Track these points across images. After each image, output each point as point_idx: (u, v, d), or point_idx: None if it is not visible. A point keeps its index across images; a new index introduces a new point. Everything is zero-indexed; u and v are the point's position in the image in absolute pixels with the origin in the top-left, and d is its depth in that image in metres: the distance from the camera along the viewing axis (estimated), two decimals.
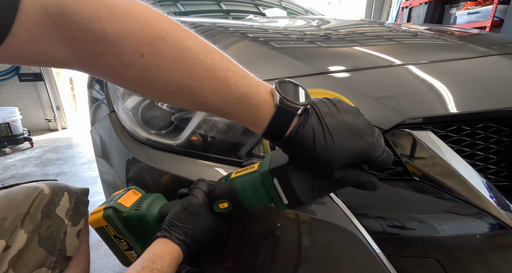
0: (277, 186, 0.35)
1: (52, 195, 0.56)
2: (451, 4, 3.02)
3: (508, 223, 0.40)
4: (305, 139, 0.29)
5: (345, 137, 0.29)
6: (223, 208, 0.40)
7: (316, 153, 0.29)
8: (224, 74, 0.29)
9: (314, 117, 0.30)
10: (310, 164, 0.31)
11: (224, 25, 0.77)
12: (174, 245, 0.37)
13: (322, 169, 0.30)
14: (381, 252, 0.40)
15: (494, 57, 0.56)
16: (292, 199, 0.35)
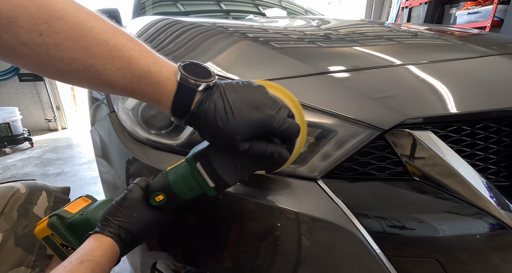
0: (201, 170, 0.36)
1: (29, 194, 0.56)
2: (451, 4, 3.02)
3: (508, 223, 0.40)
4: (208, 114, 0.31)
5: (245, 110, 0.31)
6: (159, 201, 0.41)
7: (218, 126, 0.31)
8: (128, 53, 0.30)
9: (217, 93, 0.31)
10: (216, 139, 0.33)
11: (224, 25, 0.77)
12: (106, 238, 0.37)
13: (227, 142, 0.32)
14: (381, 252, 0.40)
15: (494, 57, 0.56)
16: (217, 181, 0.36)
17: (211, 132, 0.32)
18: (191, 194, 0.40)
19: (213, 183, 0.37)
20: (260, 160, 0.36)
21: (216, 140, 0.33)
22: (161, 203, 0.41)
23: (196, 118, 0.32)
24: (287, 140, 0.34)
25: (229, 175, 0.36)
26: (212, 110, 0.31)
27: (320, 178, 0.43)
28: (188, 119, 0.33)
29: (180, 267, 0.54)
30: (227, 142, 0.32)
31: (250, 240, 0.44)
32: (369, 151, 0.44)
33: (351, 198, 0.42)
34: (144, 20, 0.91)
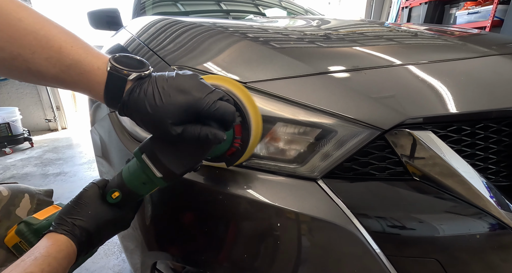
0: (146, 161, 0.37)
1: (11, 196, 0.56)
2: (451, 4, 3.02)
3: (508, 223, 0.40)
4: (137, 101, 0.32)
5: (173, 94, 0.31)
6: (116, 198, 0.41)
7: (148, 112, 0.31)
8: (58, 44, 0.31)
9: (148, 82, 0.32)
10: (149, 127, 0.33)
11: (224, 25, 0.77)
12: (60, 235, 0.36)
13: (160, 128, 0.32)
14: (381, 252, 0.40)
15: (494, 57, 0.56)
16: (164, 171, 0.37)
17: (143, 119, 0.33)
18: (144, 188, 0.40)
19: (160, 173, 0.37)
20: (199, 143, 0.35)
21: (148, 127, 0.33)
22: (118, 200, 0.41)
23: (127, 107, 0.32)
24: (222, 122, 0.34)
25: (174, 164, 0.36)
26: (142, 97, 0.31)
27: (320, 178, 0.43)
28: (121, 108, 0.33)
29: (179, 267, 0.54)
30: (159, 128, 0.32)
31: (250, 240, 0.44)
32: (369, 151, 0.44)
33: (351, 198, 0.42)
34: (144, 20, 0.91)
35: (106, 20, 1.39)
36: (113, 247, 1.31)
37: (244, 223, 0.45)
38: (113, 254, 1.27)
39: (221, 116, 0.33)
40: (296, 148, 0.45)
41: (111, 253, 1.27)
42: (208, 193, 0.45)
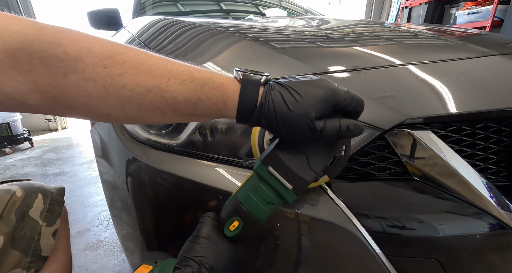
0: (274, 173, 0.34)
1: (25, 197, 0.56)
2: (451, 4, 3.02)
3: (508, 223, 0.40)
4: (276, 101, 0.31)
5: (310, 89, 0.32)
6: (235, 229, 0.37)
7: (290, 111, 0.31)
8: (187, 69, 0.32)
9: (277, 84, 0.33)
10: (290, 127, 0.31)
11: (224, 25, 0.77)
12: None
13: (301, 125, 0.31)
14: (381, 252, 0.40)
15: (494, 57, 0.56)
16: (294, 181, 0.34)
17: (283, 119, 0.31)
18: (268, 208, 0.36)
19: (291, 185, 0.34)
20: (337, 138, 0.33)
21: (289, 127, 0.31)
22: (238, 231, 0.37)
23: (265, 110, 0.31)
24: (354, 113, 0.34)
25: (306, 171, 0.34)
26: (279, 97, 0.31)
27: None
28: (257, 112, 0.32)
29: None
30: (301, 127, 0.31)
31: (250, 240, 0.44)
32: (369, 151, 0.44)
33: (351, 198, 0.42)
34: (144, 20, 0.91)
35: (106, 20, 1.39)
36: (113, 247, 1.31)
37: None
38: (113, 254, 1.27)
39: (355, 106, 0.33)
40: None
41: (111, 253, 1.27)
42: (208, 193, 0.45)
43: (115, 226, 0.82)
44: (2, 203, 0.53)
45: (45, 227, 0.58)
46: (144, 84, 0.30)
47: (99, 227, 1.46)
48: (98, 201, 1.72)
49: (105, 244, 1.33)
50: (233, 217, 0.36)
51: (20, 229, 0.54)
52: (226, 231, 0.37)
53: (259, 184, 0.36)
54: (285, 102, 0.31)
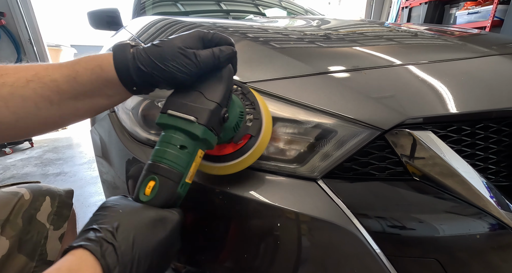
0: (174, 113, 0.33)
1: (32, 200, 0.55)
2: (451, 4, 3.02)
3: (508, 223, 0.40)
4: (146, 48, 0.34)
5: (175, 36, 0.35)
6: (152, 190, 0.31)
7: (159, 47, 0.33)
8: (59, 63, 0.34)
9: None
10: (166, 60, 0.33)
11: (224, 25, 0.77)
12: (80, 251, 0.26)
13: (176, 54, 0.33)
14: (381, 252, 0.40)
15: (494, 57, 0.56)
16: (195, 112, 0.33)
17: (156, 56, 0.33)
18: (183, 154, 0.33)
19: (193, 116, 0.33)
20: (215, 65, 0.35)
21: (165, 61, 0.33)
22: (155, 191, 0.31)
23: (139, 55, 0.33)
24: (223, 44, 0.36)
25: (203, 102, 0.34)
26: (148, 45, 0.34)
27: (320, 178, 0.43)
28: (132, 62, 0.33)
29: (180, 267, 0.54)
30: (176, 55, 0.33)
31: (250, 240, 0.44)
32: (369, 151, 0.44)
33: (351, 198, 0.42)
34: (144, 20, 0.91)
35: (106, 20, 1.39)
36: None
37: (244, 223, 0.45)
38: None
39: (221, 37, 0.36)
40: (296, 148, 0.45)
41: None
42: (208, 193, 0.45)
43: None
44: (9, 206, 0.52)
45: (52, 230, 0.57)
46: (24, 77, 0.31)
47: None
48: (98, 201, 1.72)
49: None
50: (147, 177, 0.32)
51: (26, 233, 0.53)
52: (142, 197, 0.31)
53: (165, 134, 0.34)
54: (153, 45, 0.34)
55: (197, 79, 0.35)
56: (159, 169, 0.32)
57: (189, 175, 0.35)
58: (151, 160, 0.33)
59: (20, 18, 3.26)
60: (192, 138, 0.34)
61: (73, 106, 0.34)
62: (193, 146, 0.34)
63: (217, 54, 0.34)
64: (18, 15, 3.24)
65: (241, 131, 0.40)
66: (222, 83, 0.36)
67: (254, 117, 0.40)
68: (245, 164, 0.41)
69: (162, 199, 0.32)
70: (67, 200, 0.61)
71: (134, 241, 0.27)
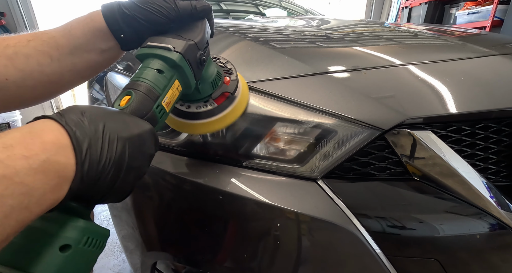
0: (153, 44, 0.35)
1: None
2: (451, 4, 3.02)
3: (508, 223, 0.40)
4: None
5: None
6: (127, 102, 0.30)
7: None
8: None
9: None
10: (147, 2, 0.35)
11: (224, 25, 0.77)
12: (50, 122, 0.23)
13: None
14: (381, 252, 0.40)
15: (494, 57, 0.56)
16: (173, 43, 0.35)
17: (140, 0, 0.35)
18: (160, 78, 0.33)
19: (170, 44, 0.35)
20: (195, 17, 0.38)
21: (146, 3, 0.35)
22: (130, 101, 0.31)
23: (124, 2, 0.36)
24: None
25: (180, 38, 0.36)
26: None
27: (320, 178, 0.43)
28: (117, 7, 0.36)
29: (180, 267, 0.54)
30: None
31: (250, 240, 0.44)
32: (369, 151, 0.44)
33: (351, 198, 0.42)
34: None
35: None
36: (113, 247, 1.31)
37: (244, 223, 0.45)
38: (113, 254, 1.27)
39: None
40: (296, 148, 0.45)
41: (111, 253, 1.27)
42: (208, 193, 0.45)
43: (115, 226, 0.82)
44: None
45: None
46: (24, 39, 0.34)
47: None
48: None
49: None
50: (123, 91, 0.32)
51: None
52: (116, 106, 0.31)
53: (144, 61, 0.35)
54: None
55: (175, 26, 0.38)
56: (135, 85, 0.32)
57: (166, 100, 0.34)
58: (130, 80, 0.34)
59: (20, 18, 3.26)
60: (169, 64, 0.35)
61: (71, 62, 0.36)
62: (170, 72, 0.35)
63: (194, 4, 0.37)
64: (18, 15, 3.24)
65: (219, 89, 0.42)
66: (198, 29, 0.38)
67: (232, 79, 0.43)
68: (223, 122, 0.43)
69: (135, 109, 0.30)
70: None
71: (104, 125, 0.25)
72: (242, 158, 0.47)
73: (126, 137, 0.26)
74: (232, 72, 0.45)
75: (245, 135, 0.47)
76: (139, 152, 0.28)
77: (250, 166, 0.46)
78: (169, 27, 0.38)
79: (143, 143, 0.28)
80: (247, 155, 0.47)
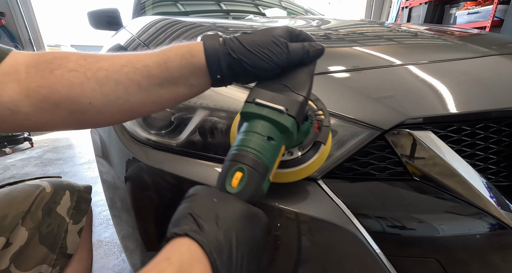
0: (262, 102, 0.31)
1: (53, 193, 0.57)
2: (451, 4, 3.02)
3: (508, 223, 0.40)
4: (237, 36, 0.34)
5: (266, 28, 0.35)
6: (239, 182, 0.28)
7: (252, 34, 0.34)
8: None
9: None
10: (257, 46, 0.33)
11: (224, 25, 0.77)
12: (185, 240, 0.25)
13: (269, 42, 0.33)
14: (381, 252, 0.40)
15: (494, 57, 0.56)
16: (285, 103, 0.31)
17: (248, 41, 0.33)
18: (270, 146, 0.30)
19: (283, 106, 0.31)
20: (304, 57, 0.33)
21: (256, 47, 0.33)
22: (243, 183, 0.28)
23: (228, 42, 0.33)
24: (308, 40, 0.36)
25: (290, 95, 0.32)
26: (238, 35, 0.34)
27: (320, 178, 0.43)
28: (222, 47, 0.33)
29: None
30: (268, 43, 0.33)
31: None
32: (369, 151, 0.44)
33: (351, 198, 0.42)
34: (144, 20, 0.91)
35: (106, 20, 1.39)
36: (113, 247, 1.31)
37: None
38: (113, 254, 1.27)
39: (307, 35, 0.36)
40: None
41: (111, 253, 1.27)
42: None
43: (115, 226, 0.82)
44: (31, 197, 0.54)
45: (71, 224, 0.58)
46: (118, 63, 0.33)
47: (99, 227, 1.46)
48: (98, 201, 1.72)
49: (105, 244, 1.33)
50: (233, 167, 0.29)
51: (47, 225, 0.54)
52: (229, 188, 0.29)
53: (250, 123, 0.32)
54: (244, 33, 0.34)
55: (281, 72, 0.34)
56: (246, 159, 0.29)
57: (272, 172, 0.32)
58: (236, 149, 0.30)
59: (20, 18, 3.26)
60: (280, 130, 0.32)
61: (158, 93, 0.34)
62: (280, 139, 0.32)
63: (307, 48, 0.34)
64: (18, 15, 3.24)
65: (310, 136, 0.37)
66: (308, 78, 0.34)
67: (324, 125, 0.38)
68: (310, 170, 0.39)
69: (249, 193, 0.29)
70: (85, 195, 0.63)
71: (237, 238, 0.26)
72: None
73: (252, 246, 0.28)
74: (324, 114, 0.39)
75: None
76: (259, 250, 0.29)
77: None
78: (274, 73, 0.34)
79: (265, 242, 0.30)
80: None
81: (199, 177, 0.46)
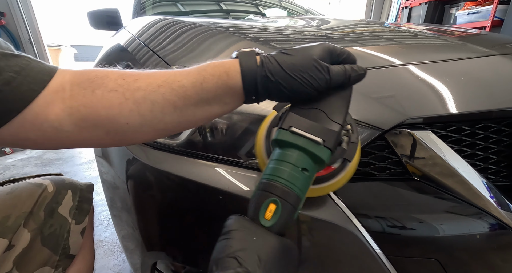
0: (299, 131, 0.30)
1: (55, 193, 0.56)
2: (451, 4, 3.02)
3: (508, 223, 0.40)
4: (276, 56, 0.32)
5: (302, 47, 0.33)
6: (273, 215, 0.28)
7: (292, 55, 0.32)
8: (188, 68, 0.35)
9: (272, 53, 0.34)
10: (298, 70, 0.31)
11: (224, 25, 0.77)
12: None
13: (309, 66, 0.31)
14: (381, 252, 0.40)
15: (494, 57, 0.56)
16: (322, 134, 0.30)
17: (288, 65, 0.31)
18: (303, 177, 0.30)
19: (319, 138, 0.30)
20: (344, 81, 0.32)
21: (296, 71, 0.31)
22: (277, 215, 0.28)
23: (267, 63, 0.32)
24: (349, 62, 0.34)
25: (328, 123, 0.31)
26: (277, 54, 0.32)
27: None
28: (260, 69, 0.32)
29: (180, 267, 0.54)
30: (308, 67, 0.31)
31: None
32: (369, 151, 0.44)
33: (351, 198, 0.42)
34: (144, 20, 0.91)
35: (106, 20, 1.39)
36: (113, 247, 1.31)
37: None
38: (113, 254, 1.27)
39: (349, 53, 0.34)
40: None
41: (111, 253, 1.27)
42: (208, 193, 0.45)
43: (115, 226, 0.82)
44: (33, 197, 0.53)
45: (74, 225, 0.58)
46: (155, 83, 0.32)
47: (99, 227, 1.46)
48: (98, 201, 1.72)
49: (105, 244, 1.33)
50: (267, 199, 0.29)
51: (49, 226, 0.54)
52: (263, 221, 0.28)
53: (284, 152, 0.31)
54: (284, 53, 0.32)
55: (318, 95, 0.33)
56: (280, 191, 0.29)
57: (303, 202, 0.31)
58: (269, 179, 0.30)
59: (20, 18, 3.26)
60: (315, 161, 0.31)
61: (192, 112, 0.34)
62: (313, 170, 0.31)
63: (349, 72, 0.32)
64: (18, 15, 3.24)
65: (337, 153, 0.35)
66: (345, 103, 0.34)
67: (351, 141, 0.36)
68: (336, 186, 0.39)
69: (281, 226, 0.29)
70: (87, 195, 0.62)
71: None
72: (242, 158, 0.47)
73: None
74: (352, 130, 0.37)
75: (245, 135, 0.47)
76: None
77: (250, 166, 0.46)
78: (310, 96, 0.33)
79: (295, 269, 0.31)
80: (247, 155, 0.47)
81: (199, 177, 0.46)
